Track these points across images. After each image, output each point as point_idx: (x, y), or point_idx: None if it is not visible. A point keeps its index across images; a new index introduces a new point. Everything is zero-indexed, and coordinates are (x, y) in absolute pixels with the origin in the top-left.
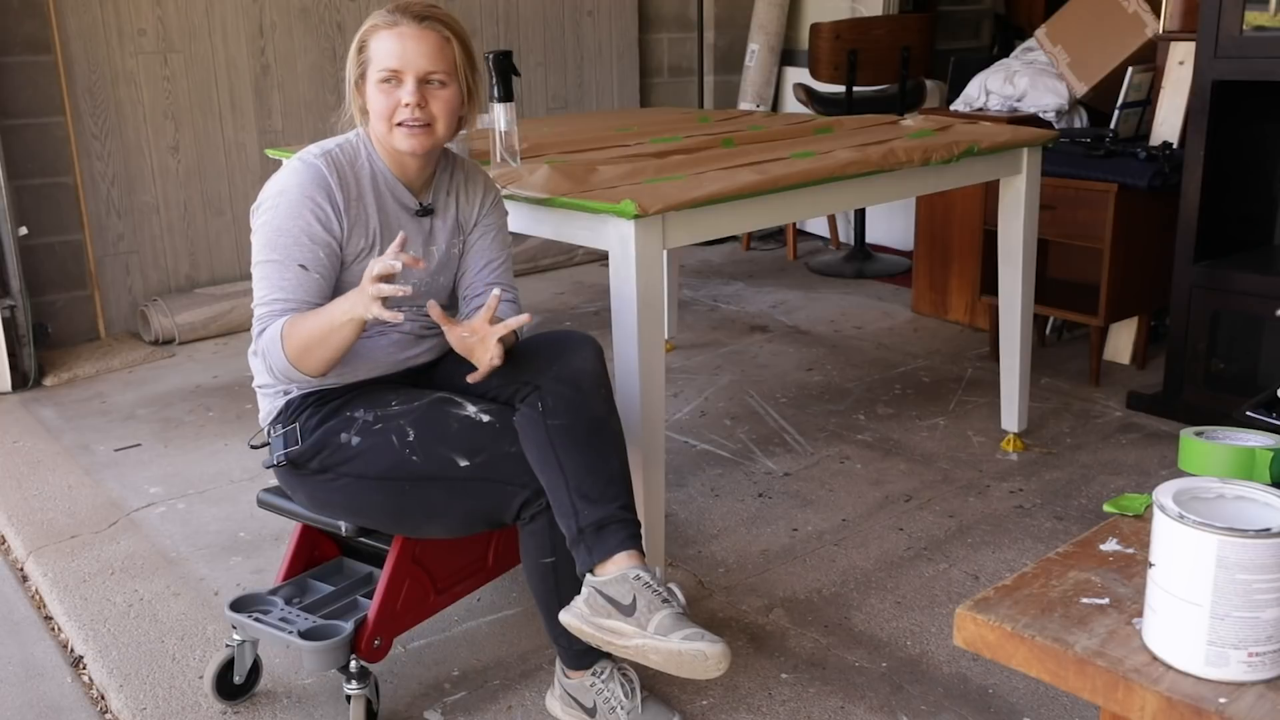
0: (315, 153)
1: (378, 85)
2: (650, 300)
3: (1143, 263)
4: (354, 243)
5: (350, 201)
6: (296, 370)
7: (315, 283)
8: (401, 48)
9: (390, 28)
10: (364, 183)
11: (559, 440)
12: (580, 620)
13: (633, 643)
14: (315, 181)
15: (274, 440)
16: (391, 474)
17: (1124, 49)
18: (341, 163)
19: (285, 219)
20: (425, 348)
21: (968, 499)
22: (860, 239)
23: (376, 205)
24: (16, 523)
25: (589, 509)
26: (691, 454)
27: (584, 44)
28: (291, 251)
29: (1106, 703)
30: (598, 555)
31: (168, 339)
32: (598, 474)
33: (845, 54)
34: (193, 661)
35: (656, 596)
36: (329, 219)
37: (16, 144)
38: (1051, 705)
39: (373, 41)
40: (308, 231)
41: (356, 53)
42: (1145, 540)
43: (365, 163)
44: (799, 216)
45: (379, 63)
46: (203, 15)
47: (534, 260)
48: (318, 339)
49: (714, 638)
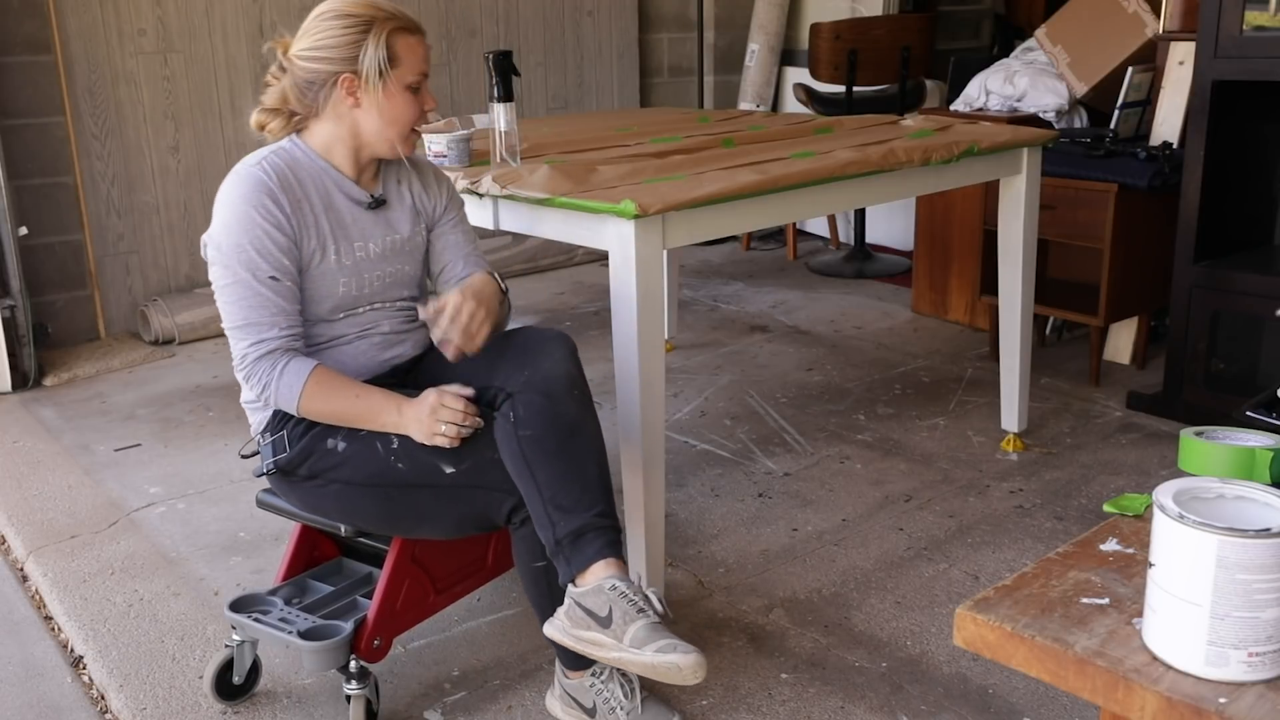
0: (249, 163)
1: (405, 91)
2: (650, 300)
3: (1143, 263)
4: (305, 245)
5: (295, 202)
6: (295, 413)
7: (290, 290)
8: (424, 53)
9: (412, 33)
10: (307, 184)
11: (531, 452)
12: (561, 633)
13: (611, 654)
14: (257, 188)
15: (263, 448)
16: (378, 480)
17: (1124, 49)
18: (279, 166)
19: (240, 234)
20: (406, 345)
21: (968, 499)
22: (860, 239)
23: (324, 205)
24: (16, 523)
25: (564, 519)
26: (691, 454)
27: (584, 44)
28: (257, 264)
29: (1106, 703)
30: (575, 566)
31: (168, 339)
32: (572, 483)
33: (845, 54)
34: (193, 661)
35: (632, 607)
36: (280, 222)
37: (16, 144)
38: (1051, 705)
39: (398, 44)
40: (265, 240)
41: (384, 54)
42: (1145, 540)
43: (306, 164)
44: (799, 216)
45: (412, 67)
46: (203, 15)
47: (534, 260)
48: (341, 417)
49: (687, 648)
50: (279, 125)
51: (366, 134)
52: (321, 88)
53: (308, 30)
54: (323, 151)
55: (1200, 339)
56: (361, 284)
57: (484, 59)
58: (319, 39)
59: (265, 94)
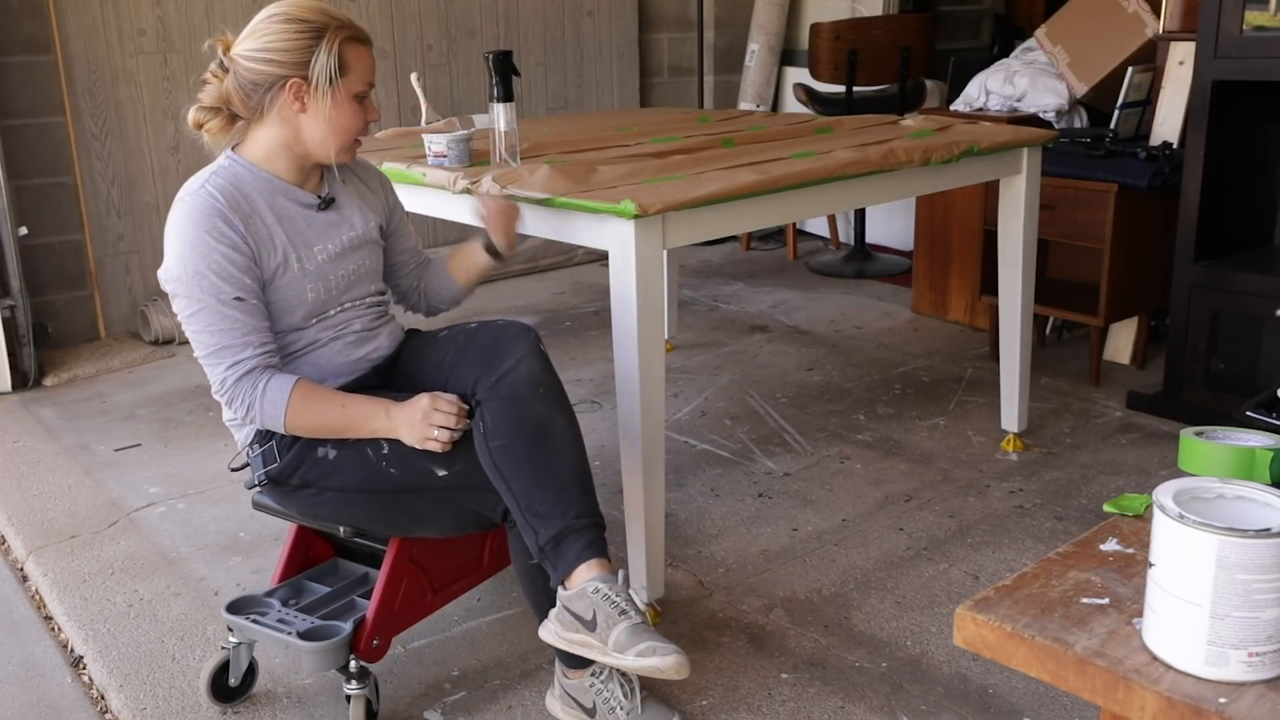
0: (192, 189)
1: (352, 100)
2: (650, 300)
3: (1143, 263)
4: (267, 260)
5: (247, 220)
6: (282, 430)
7: (256, 308)
8: (372, 64)
9: (362, 43)
10: (255, 199)
11: (502, 462)
12: (554, 636)
13: (599, 657)
14: (206, 212)
15: (253, 460)
16: (370, 486)
17: (1124, 49)
18: (224, 186)
19: (197, 261)
20: (379, 341)
21: (968, 499)
22: (860, 239)
23: (275, 216)
24: (16, 523)
25: (544, 525)
26: (691, 454)
27: (584, 44)
28: (220, 288)
29: (1106, 703)
30: (561, 571)
31: (168, 339)
32: (545, 489)
33: (845, 54)
34: (192, 662)
35: (614, 609)
36: (236, 243)
37: (16, 144)
38: (1051, 705)
39: (348, 53)
40: (223, 262)
41: (335, 62)
42: (1145, 540)
43: (249, 179)
44: (799, 216)
45: (361, 76)
46: (203, 15)
47: (534, 260)
48: (330, 428)
49: (667, 649)
50: (218, 125)
51: (310, 140)
52: (268, 90)
53: (256, 31)
54: (264, 162)
55: (1200, 339)
56: (329, 286)
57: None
58: (269, 41)
59: (203, 92)
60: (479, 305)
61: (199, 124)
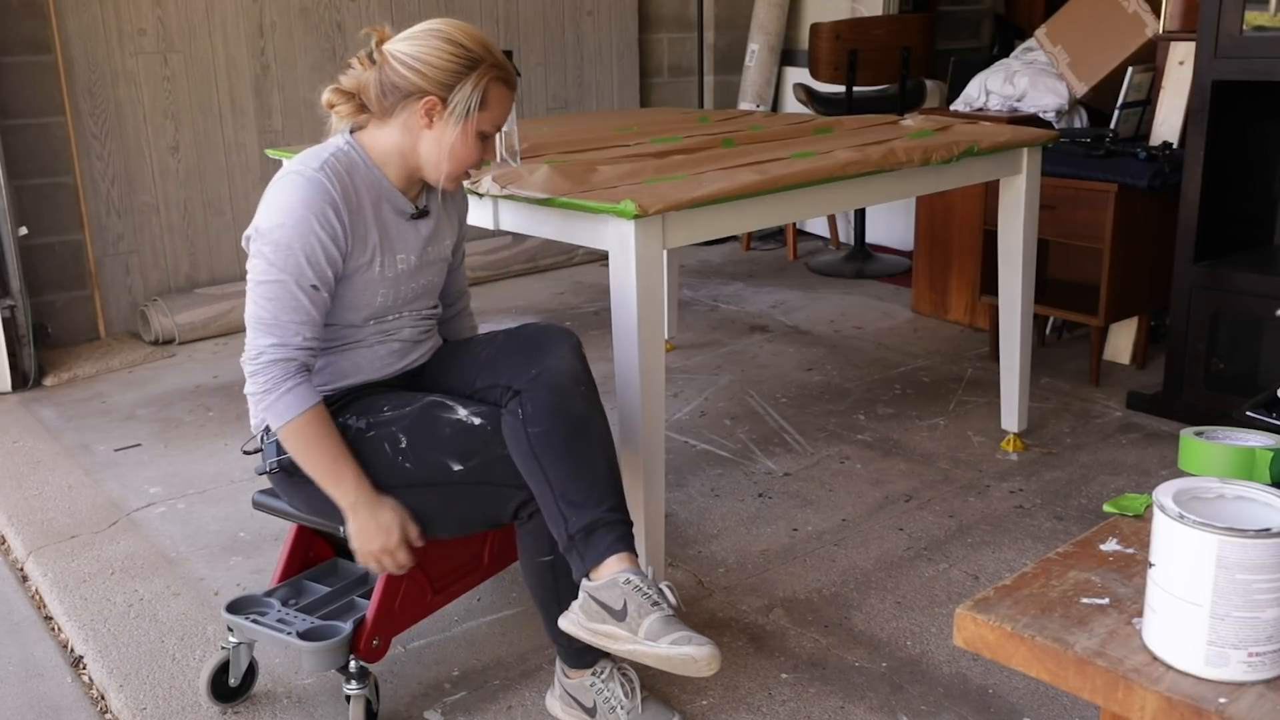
0: (314, 165)
1: (477, 136)
2: (650, 300)
3: (1143, 263)
4: (355, 257)
5: (353, 215)
6: (274, 429)
7: (324, 302)
8: (510, 109)
9: (509, 86)
10: (363, 194)
11: (541, 448)
12: (577, 626)
13: (626, 647)
14: (321, 197)
15: (266, 446)
16: (385, 481)
17: (1124, 49)
18: (341, 174)
19: (293, 236)
20: (422, 352)
21: (968, 499)
22: (860, 239)
23: (374, 216)
24: (16, 523)
25: (576, 515)
26: (691, 454)
27: (584, 44)
28: (303, 271)
29: (1106, 703)
30: (589, 561)
31: (168, 339)
32: (582, 478)
33: (845, 54)
34: (192, 662)
35: (646, 600)
36: (336, 235)
37: (16, 144)
38: (1051, 705)
39: (492, 93)
40: (318, 250)
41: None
42: (1145, 540)
43: (363, 172)
44: (799, 216)
45: (493, 119)
46: (203, 15)
47: (534, 260)
48: (305, 463)
49: (702, 640)
50: (347, 110)
51: (423, 158)
52: (404, 97)
53: (416, 37)
54: (379, 159)
55: (1200, 339)
56: (398, 294)
57: None
58: (424, 53)
59: (345, 75)
60: (479, 305)
61: (331, 105)
